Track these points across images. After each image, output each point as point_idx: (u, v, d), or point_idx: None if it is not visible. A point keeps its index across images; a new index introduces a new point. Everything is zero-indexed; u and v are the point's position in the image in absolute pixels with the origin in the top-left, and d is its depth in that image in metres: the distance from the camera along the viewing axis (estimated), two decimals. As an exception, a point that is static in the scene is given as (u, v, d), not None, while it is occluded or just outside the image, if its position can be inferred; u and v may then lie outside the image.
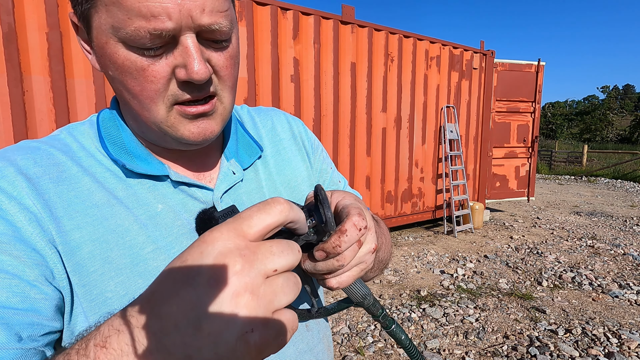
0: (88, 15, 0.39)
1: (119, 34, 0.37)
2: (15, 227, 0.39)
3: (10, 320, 0.36)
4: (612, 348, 2.47)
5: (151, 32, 0.36)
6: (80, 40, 0.45)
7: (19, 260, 0.38)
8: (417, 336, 2.66)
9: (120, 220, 0.44)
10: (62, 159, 0.45)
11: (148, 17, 0.36)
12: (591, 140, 44.12)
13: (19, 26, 2.58)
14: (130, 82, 0.40)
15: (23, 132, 2.64)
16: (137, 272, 0.43)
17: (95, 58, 0.43)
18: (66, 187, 0.43)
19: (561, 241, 5.14)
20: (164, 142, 0.48)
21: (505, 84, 6.24)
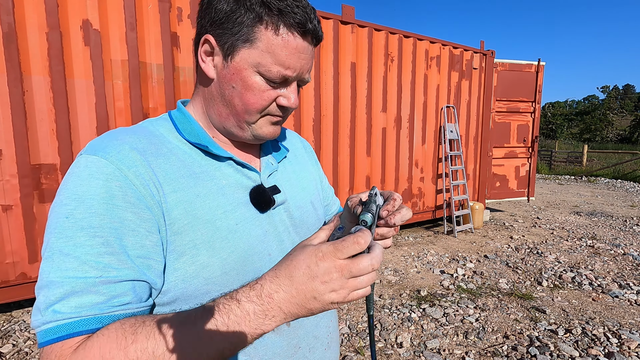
0: (237, 47, 0.56)
1: (260, 68, 0.56)
2: (135, 190, 0.51)
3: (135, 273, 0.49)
4: (612, 348, 2.47)
5: (282, 75, 0.57)
6: (201, 53, 0.59)
7: (138, 217, 0.50)
8: (417, 336, 2.66)
9: (200, 189, 0.57)
10: (155, 140, 0.58)
11: (285, 68, 0.57)
12: (591, 140, 44.10)
13: (19, 26, 2.58)
14: (249, 96, 0.58)
15: (23, 132, 2.64)
16: (214, 227, 0.57)
17: (219, 70, 0.59)
18: (162, 160, 0.56)
19: (561, 241, 5.14)
20: (240, 135, 0.64)
21: (505, 84, 6.24)
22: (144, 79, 3.07)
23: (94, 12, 2.82)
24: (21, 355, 2.36)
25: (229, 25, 0.55)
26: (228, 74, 0.58)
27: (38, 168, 2.72)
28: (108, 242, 0.48)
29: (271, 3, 0.53)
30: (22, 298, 2.77)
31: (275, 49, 0.55)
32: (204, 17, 0.58)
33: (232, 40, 0.55)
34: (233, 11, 0.54)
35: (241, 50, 0.56)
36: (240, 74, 0.57)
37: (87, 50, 2.82)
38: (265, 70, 0.56)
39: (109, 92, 2.93)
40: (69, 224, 0.47)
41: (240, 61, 0.56)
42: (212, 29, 0.57)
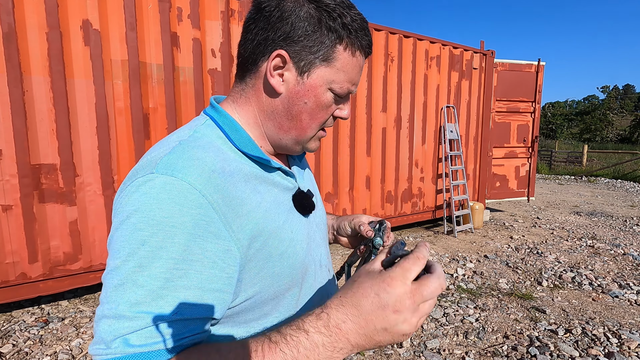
0: (314, 65, 0.57)
1: (332, 85, 0.58)
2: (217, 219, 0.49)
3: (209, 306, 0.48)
4: (612, 348, 2.47)
5: (349, 90, 0.61)
6: (270, 67, 0.57)
7: (219, 247, 0.49)
8: (417, 336, 2.66)
9: (265, 204, 0.57)
10: (221, 156, 0.55)
11: (352, 84, 0.61)
12: (591, 140, 44.08)
13: (19, 26, 2.58)
14: (318, 112, 0.60)
15: (23, 132, 2.64)
16: (279, 237, 0.58)
17: (290, 86, 0.58)
18: (234, 180, 0.54)
19: (561, 241, 5.14)
20: (289, 148, 0.65)
21: (505, 84, 6.24)
22: (144, 79, 3.07)
23: (94, 12, 2.82)
24: (21, 355, 2.36)
25: (309, 43, 0.55)
26: (302, 90, 0.58)
27: (38, 168, 2.72)
28: (187, 275, 0.46)
29: (351, 25, 0.56)
30: (22, 298, 2.77)
31: (348, 68, 0.58)
32: (273, 31, 0.56)
33: (311, 58, 0.56)
34: (314, 31, 0.55)
35: (319, 68, 0.57)
36: (314, 90, 0.58)
37: (87, 50, 2.82)
38: (337, 87, 0.59)
39: (109, 92, 2.93)
40: (144, 253, 0.45)
41: (316, 78, 0.58)
42: (287, 45, 0.56)
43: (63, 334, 2.62)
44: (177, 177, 0.48)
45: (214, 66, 3.39)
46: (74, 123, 2.82)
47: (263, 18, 0.56)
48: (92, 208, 2.94)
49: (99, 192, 2.96)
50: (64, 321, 2.80)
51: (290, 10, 0.55)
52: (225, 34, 3.40)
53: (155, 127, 3.16)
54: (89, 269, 2.98)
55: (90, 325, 2.74)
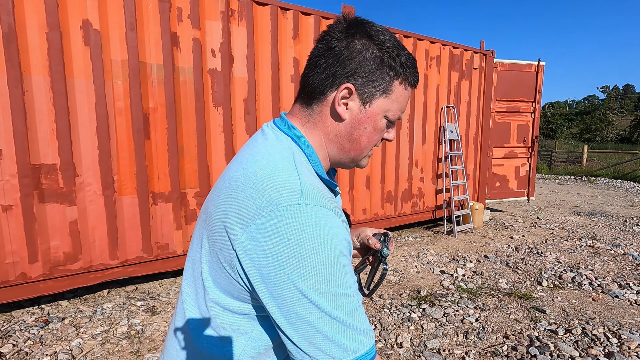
0: (375, 96, 0.67)
1: (387, 113, 0.69)
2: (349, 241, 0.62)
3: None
4: (612, 348, 2.47)
5: (399, 117, 0.72)
6: (338, 98, 0.66)
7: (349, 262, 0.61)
8: (417, 336, 2.65)
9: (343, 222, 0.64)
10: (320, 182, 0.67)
11: (402, 111, 0.72)
12: (591, 140, 44.05)
13: (19, 26, 2.58)
14: (374, 134, 0.71)
15: (23, 132, 2.64)
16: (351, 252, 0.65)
17: (354, 114, 0.68)
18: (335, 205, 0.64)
19: (561, 241, 5.14)
20: (345, 165, 0.76)
21: (505, 84, 6.24)
22: (144, 79, 3.07)
23: (94, 12, 2.82)
24: (21, 355, 2.36)
25: (372, 79, 0.66)
26: (363, 117, 0.68)
27: (38, 168, 2.72)
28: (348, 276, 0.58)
29: (406, 64, 0.68)
30: (22, 298, 2.77)
31: (400, 99, 0.70)
32: (342, 67, 0.65)
33: (373, 91, 0.67)
34: (377, 69, 0.66)
35: (379, 99, 0.68)
36: (374, 117, 0.69)
37: (87, 50, 2.82)
38: (391, 115, 0.70)
39: (109, 92, 2.93)
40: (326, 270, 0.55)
41: (376, 107, 0.68)
42: (354, 79, 0.66)
43: (63, 334, 2.62)
44: (325, 208, 0.58)
45: (214, 66, 3.39)
46: (74, 123, 2.82)
47: (332, 56, 0.66)
48: (92, 208, 2.94)
49: (99, 192, 2.96)
50: (64, 321, 2.80)
51: (358, 51, 0.65)
52: (225, 34, 3.40)
53: (155, 127, 3.16)
54: (89, 269, 2.98)
55: (90, 325, 2.74)
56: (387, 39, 0.66)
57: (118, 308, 3.03)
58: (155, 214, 3.23)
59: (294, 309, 0.53)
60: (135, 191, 3.11)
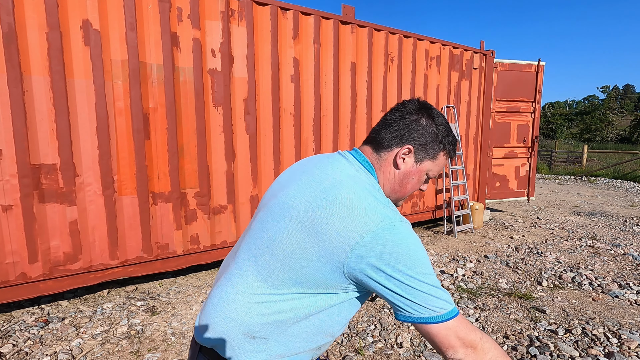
0: (425, 159, 0.93)
1: (429, 172, 0.95)
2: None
3: None
4: (612, 348, 2.47)
5: (434, 175, 0.97)
6: (402, 154, 0.91)
7: None
8: (417, 336, 2.65)
9: None
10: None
11: (437, 173, 0.97)
12: (591, 140, 44.02)
13: (19, 26, 2.58)
14: (416, 184, 0.96)
15: (23, 132, 2.64)
16: None
17: (407, 167, 0.93)
18: None
19: (561, 241, 5.14)
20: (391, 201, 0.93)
21: (505, 84, 6.24)
22: (144, 79, 3.07)
23: (94, 12, 2.82)
24: (21, 355, 2.36)
25: (428, 147, 0.92)
26: (414, 171, 0.93)
27: (38, 168, 2.72)
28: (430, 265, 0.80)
29: (451, 142, 0.94)
30: (22, 298, 2.77)
31: (441, 164, 0.96)
32: (409, 132, 0.91)
33: (425, 155, 0.92)
34: (432, 141, 0.92)
35: (427, 161, 0.93)
36: (420, 173, 0.94)
37: (87, 50, 2.82)
38: (431, 174, 0.95)
39: (109, 92, 2.93)
40: (425, 260, 0.78)
41: (424, 166, 0.93)
42: (415, 144, 0.91)
43: (63, 334, 2.62)
44: (406, 222, 0.82)
45: (214, 66, 3.39)
46: (74, 123, 2.82)
47: (404, 123, 0.91)
48: (92, 208, 2.94)
49: (99, 192, 2.96)
50: (64, 321, 2.80)
51: (423, 125, 0.91)
52: (225, 34, 3.40)
53: (155, 127, 3.16)
54: (89, 269, 2.98)
55: (90, 325, 2.74)
56: (442, 122, 0.93)
57: (118, 308, 3.03)
58: (155, 214, 3.23)
59: (411, 286, 0.76)
60: (135, 191, 3.11)
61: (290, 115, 3.90)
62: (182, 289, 3.45)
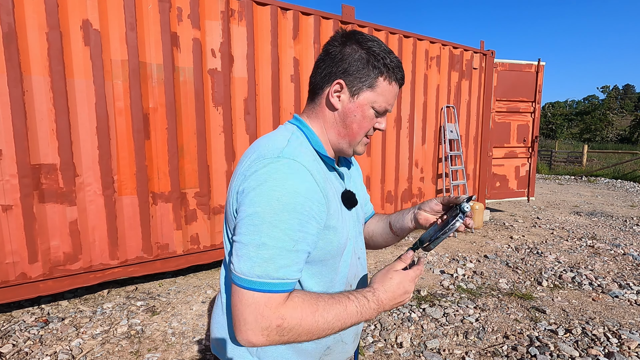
0: (362, 90, 0.81)
1: (374, 104, 0.82)
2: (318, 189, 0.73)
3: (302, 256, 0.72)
4: (612, 348, 2.47)
5: (385, 109, 0.84)
6: (332, 92, 0.82)
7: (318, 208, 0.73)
8: (417, 336, 2.65)
9: (329, 191, 0.79)
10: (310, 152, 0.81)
11: (388, 105, 0.84)
12: (591, 140, 44.02)
13: (19, 26, 2.58)
14: (363, 122, 0.83)
15: (23, 132, 2.64)
16: (335, 218, 0.80)
17: (344, 104, 0.82)
18: (319, 168, 0.79)
19: (561, 241, 5.14)
20: (344, 151, 0.88)
21: (505, 84, 6.24)
22: (144, 79, 3.07)
23: (94, 12, 2.82)
24: (21, 355, 2.36)
25: (359, 75, 0.80)
26: (352, 107, 0.82)
27: (38, 168, 2.72)
28: (301, 223, 0.69)
29: (389, 65, 0.81)
30: (22, 298, 2.77)
31: (385, 92, 0.82)
32: (336, 66, 0.81)
33: (360, 85, 0.81)
34: (364, 67, 0.80)
35: (365, 92, 0.81)
36: (361, 108, 0.82)
37: (87, 50, 2.82)
38: (377, 106, 0.83)
39: (109, 92, 2.93)
40: (278, 205, 0.67)
41: (363, 99, 0.82)
42: (344, 76, 0.81)
43: (63, 334, 2.62)
44: (297, 160, 0.72)
45: (214, 66, 3.39)
46: (74, 123, 2.82)
47: (329, 59, 0.82)
48: (92, 208, 2.94)
49: (99, 192, 2.96)
50: (64, 321, 2.80)
51: (348, 54, 0.80)
52: (225, 34, 3.40)
53: (155, 127, 3.16)
54: (89, 269, 2.98)
55: (90, 325, 2.74)
56: (374, 45, 0.81)
57: (118, 308, 3.03)
58: (155, 214, 3.23)
59: (243, 224, 0.69)
60: (135, 191, 3.10)
61: (291, 116, 3.90)
62: (182, 289, 3.45)
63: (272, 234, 0.66)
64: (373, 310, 0.76)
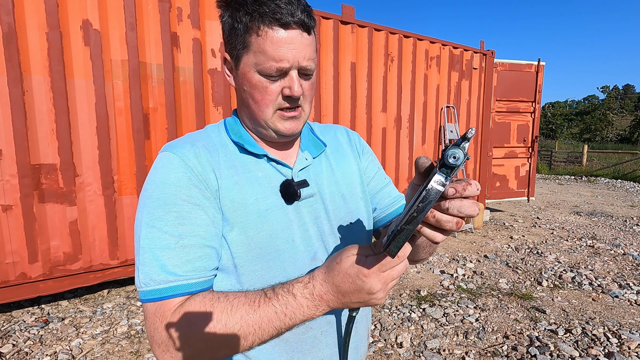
0: (240, 55, 0.66)
1: (258, 67, 0.65)
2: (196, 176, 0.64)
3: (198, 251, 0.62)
4: (612, 348, 2.47)
5: (277, 68, 0.64)
6: (225, 69, 0.72)
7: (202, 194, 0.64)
8: (417, 336, 2.66)
9: (237, 178, 0.69)
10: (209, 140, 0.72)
11: (277, 60, 0.63)
12: (591, 140, 44.05)
13: (19, 26, 2.58)
14: (256, 94, 0.67)
15: (23, 132, 2.64)
16: (245, 210, 0.68)
17: (235, 79, 0.70)
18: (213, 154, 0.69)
19: (561, 241, 5.14)
20: (265, 134, 0.73)
21: (505, 84, 6.24)
22: (144, 79, 3.07)
23: (94, 12, 2.82)
24: (21, 355, 2.36)
25: (232, 39, 0.67)
26: (239, 79, 0.69)
27: (38, 168, 2.72)
28: (180, 215, 0.61)
29: (255, 13, 0.62)
30: (22, 298, 2.77)
31: (264, 47, 0.63)
32: (223, 39, 0.71)
33: (237, 51, 0.67)
34: (232, 27, 0.66)
35: (243, 57, 0.66)
36: (245, 76, 0.67)
37: (87, 50, 2.82)
38: (262, 68, 0.64)
39: (109, 92, 2.93)
40: (151, 202, 0.61)
41: (244, 66, 0.67)
42: (226, 47, 0.70)
43: (63, 334, 2.62)
44: (168, 152, 0.66)
45: (214, 66, 3.39)
46: (74, 123, 2.82)
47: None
48: (92, 208, 2.94)
49: (99, 192, 2.96)
50: (64, 321, 2.80)
51: (222, 20, 0.68)
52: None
53: (155, 127, 3.16)
54: (89, 269, 2.98)
55: (90, 325, 2.74)
56: (243, 2, 0.63)
57: (118, 308, 3.03)
58: (155, 214, 3.23)
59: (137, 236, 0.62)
60: (135, 191, 3.10)
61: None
62: (182, 289, 3.45)
63: (149, 235, 0.60)
64: (308, 309, 0.56)
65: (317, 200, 0.76)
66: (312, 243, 0.74)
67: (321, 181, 0.78)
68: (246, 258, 0.67)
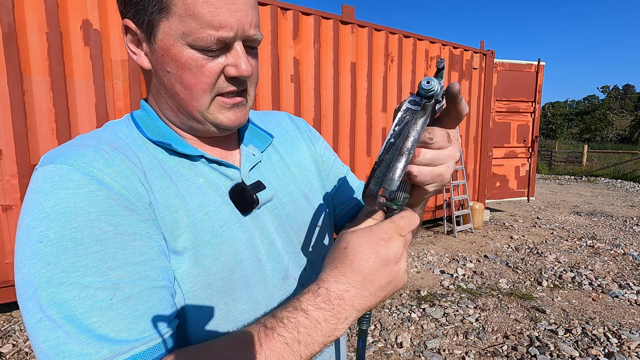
0: (155, 23, 0.47)
1: (188, 38, 0.46)
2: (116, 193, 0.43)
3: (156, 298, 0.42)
4: (612, 348, 2.47)
5: (217, 39, 0.46)
6: (128, 43, 0.51)
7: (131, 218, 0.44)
8: (417, 336, 2.66)
9: (176, 189, 0.50)
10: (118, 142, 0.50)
11: (217, 27, 0.45)
12: (591, 140, 44.08)
13: (19, 26, 2.58)
14: (187, 76, 0.48)
15: (23, 132, 2.64)
16: (195, 230, 0.49)
17: (149, 57, 0.50)
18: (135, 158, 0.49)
19: (561, 241, 5.14)
20: (200, 129, 0.54)
21: (505, 84, 6.24)
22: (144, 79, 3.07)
23: (94, 12, 2.82)
24: (21, 355, 2.36)
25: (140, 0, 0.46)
26: (158, 57, 0.48)
27: (38, 168, 2.72)
28: (107, 255, 0.40)
29: None
30: (22, 298, 2.76)
31: (196, 9, 0.44)
32: (120, 2, 0.49)
33: (147, 16, 0.46)
34: None
35: (160, 24, 0.46)
36: (169, 52, 0.47)
37: (87, 50, 2.82)
38: (194, 39, 0.45)
39: (109, 92, 2.93)
40: (46, 249, 0.38)
41: (163, 38, 0.47)
42: (128, 11, 0.48)
43: (63, 334, 2.62)
44: (56, 163, 0.43)
45: (214, 66, 3.39)
46: (74, 123, 2.82)
47: None
48: (92, 208, 2.94)
49: (99, 192, 2.96)
50: (64, 321, 2.80)
51: None
52: (225, 34, 3.40)
53: (155, 127, 3.16)
54: (89, 269, 2.98)
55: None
56: None
57: (118, 308, 3.03)
58: (155, 214, 3.23)
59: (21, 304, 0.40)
60: (135, 191, 3.11)
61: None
62: (182, 289, 3.45)
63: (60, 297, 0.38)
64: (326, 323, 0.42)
65: (276, 205, 0.60)
66: (281, 258, 0.58)
67: (276, 180, 0.62)
68: (204, 296, 0.49)
